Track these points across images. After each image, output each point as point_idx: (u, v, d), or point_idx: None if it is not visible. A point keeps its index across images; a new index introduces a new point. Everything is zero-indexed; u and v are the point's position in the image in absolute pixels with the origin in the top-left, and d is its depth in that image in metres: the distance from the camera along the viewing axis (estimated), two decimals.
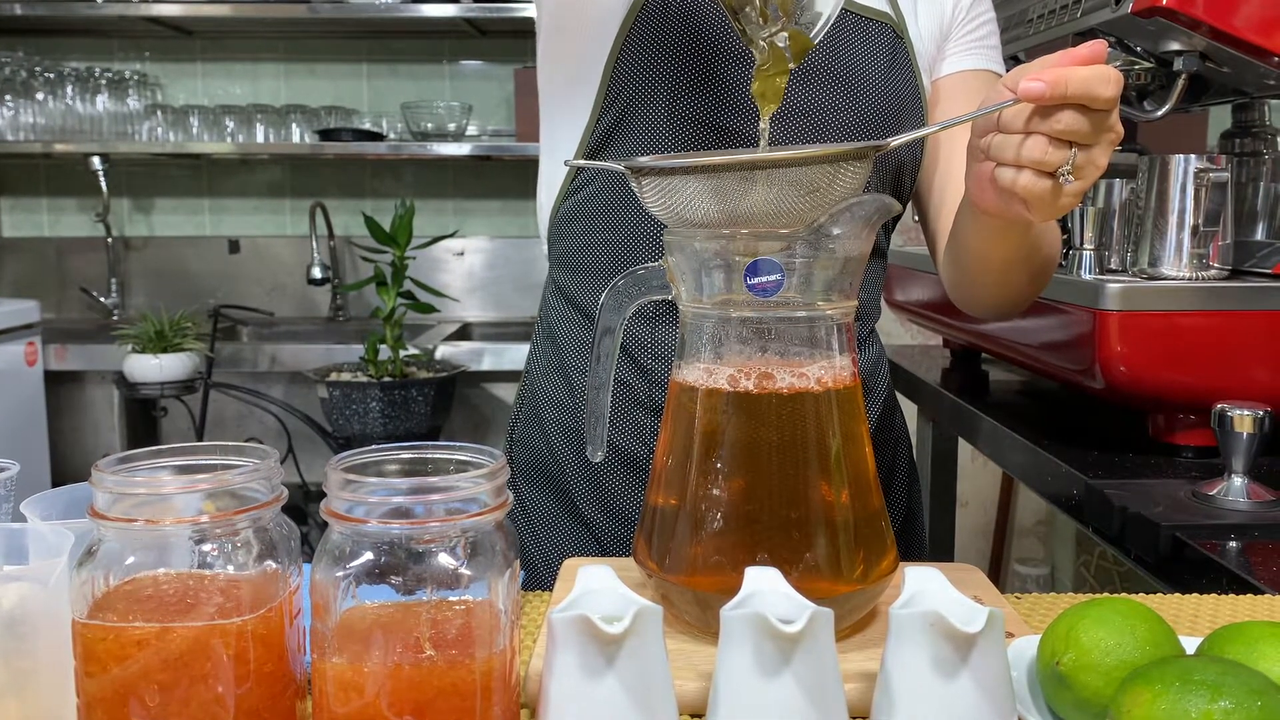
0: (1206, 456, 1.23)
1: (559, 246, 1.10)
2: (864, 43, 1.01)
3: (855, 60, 1.00)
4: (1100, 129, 0.73)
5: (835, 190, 0.71)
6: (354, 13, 2.78)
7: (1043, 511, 2.94)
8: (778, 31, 0.78)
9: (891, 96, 1.02)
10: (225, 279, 3.09)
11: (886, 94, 1.01)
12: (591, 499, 1.07)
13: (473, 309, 3.09)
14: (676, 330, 1.02)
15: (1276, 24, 1.21)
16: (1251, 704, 0.51)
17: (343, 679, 0.55)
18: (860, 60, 1.01)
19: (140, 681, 0.54)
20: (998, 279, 0.99)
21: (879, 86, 1.01)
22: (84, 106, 2.91)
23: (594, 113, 1.01)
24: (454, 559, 0.56)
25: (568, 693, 0.57)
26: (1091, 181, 0.76)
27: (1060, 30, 1.40)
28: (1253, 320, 1.21)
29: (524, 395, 1.16)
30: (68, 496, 0.68)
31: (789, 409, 0.72)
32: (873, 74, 1.01)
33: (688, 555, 0.74)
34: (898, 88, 1.02)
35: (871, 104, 1.01)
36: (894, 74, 1.02)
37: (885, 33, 1.02)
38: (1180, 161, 1.27)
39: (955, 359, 1.96)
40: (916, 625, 0.57)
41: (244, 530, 0.57)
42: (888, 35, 1.03)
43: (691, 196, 0.72)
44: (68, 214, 3.13)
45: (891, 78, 1.02)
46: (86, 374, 2.66)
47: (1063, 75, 0.70)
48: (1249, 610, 0.82)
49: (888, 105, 1.01)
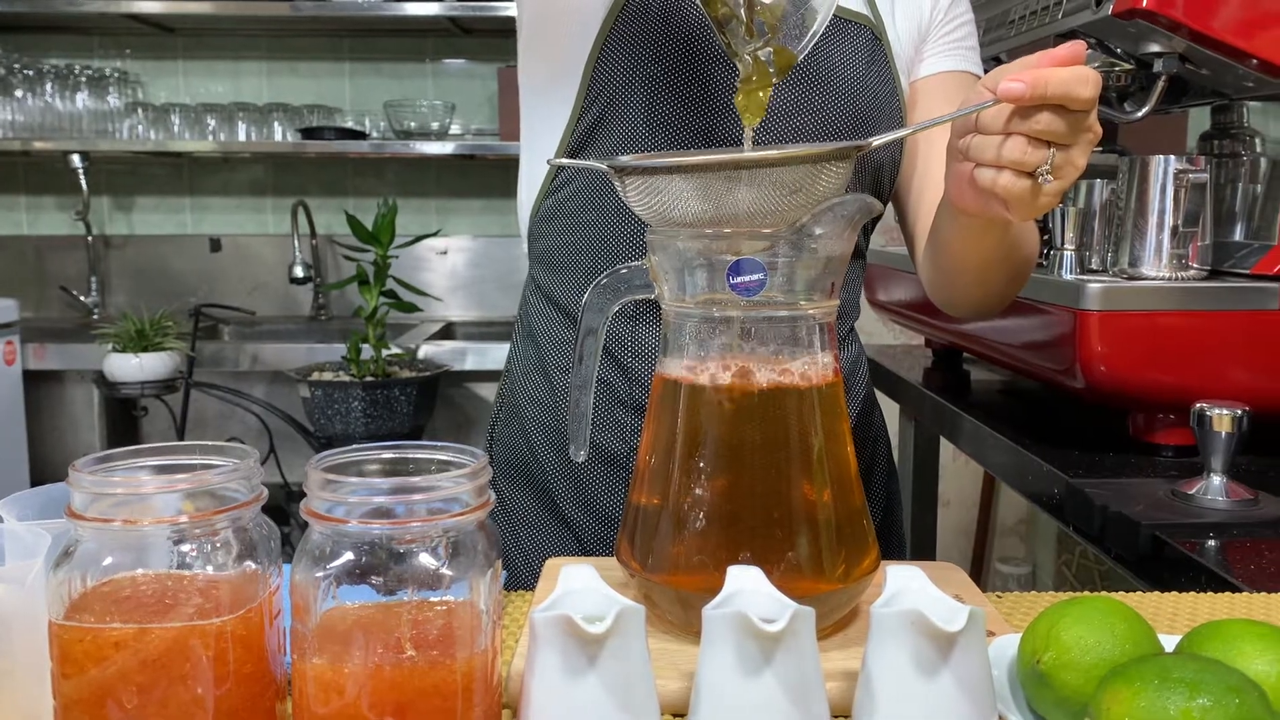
0: (1186, 456, 1.23)
1: (539, 245, 1.10)
2: (843, 44, 1.02)
3: (834, 61, 1.01)
4: (1079, 129, 0.73)
5: (818, 190, 0.71)
6: (337, 11, 2.76)
7: (1024, 510, 2.95)
8: (763, 46, 0.78)
9: (870, 97, 1.02)
10: (206, 278, 3.07)
11: (865, 95, 1.02)
12: (572, 497, 1.07)
13: (455, 308, 3.09)
14: (656, 329, 1.02)
15: (1254, 26, 1.22)
16: (1229, 701, 0.51)
17: (323, 680, 0.55)
18: (839, 61, 1.01)
19: (118, 683, 0.53)
20: (977, 278, 1.00)
21: (857, 87, 1.02)
22: (64, 104, 2.89)
23: (574, 112, 1.01)
24: (435, 559, 0.55)
25: (550, 693, 0.56)
26: (1071, 181, 0.76)
27: (1042, 31, 1.41)
28: (1231, 320, 1.22)
29: (504, 394, 1.15)
30: (45, 496, 0.68)
31: (771, 408, 0.73)
32: (851, 75, 1.01)
33: (670, 554, 0.74)
34: (876, 89, 1.03)
35: (850, 104, 1.01)
36: (872, 75, 1.03)
37: (864, 34, 1.03)
38: (1160, 163, 1.28)
39: (937, 359, 1.97)
40: (898, 624, 0.57)
41: (223, 530, 0.56)
42: (866, 37, 1.03)
43: (674, 196, 0.72)
44: (47, 212, 3.10)
45: (870, 79, 1.03)
46: (66, 373, 2.64)
47: (1042, 76, 0.71)
48: (1227, 608, 0.82)
49: (866, 106, 1.02)
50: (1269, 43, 1.22)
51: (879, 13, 1.05)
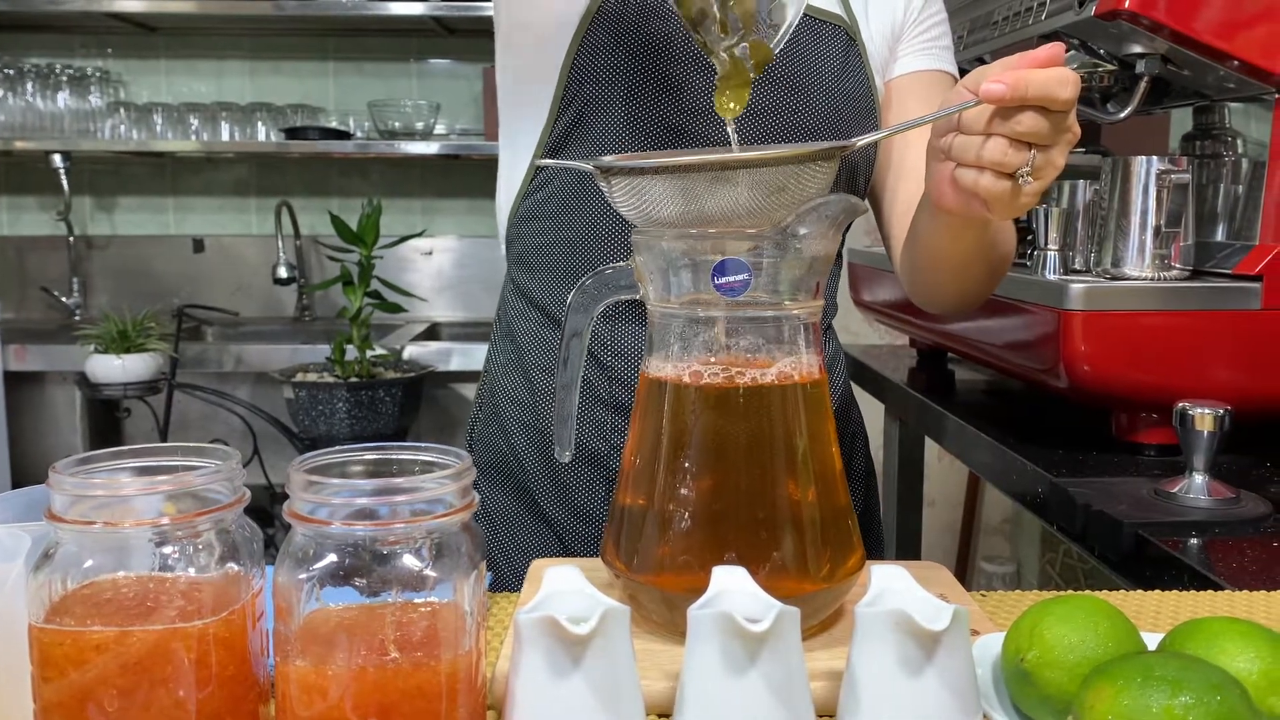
0: (1168, 455, 1.24)
1: (517, 246, 1.10)
2: (817, 45, 1.02)
3: (808, 62, 1.01)
4: (1059, 130, 0.74)
5: (802, 190, 0.71)
6: (321, 10, 2.75)
7: (1009, 510, 2.96)
8: (738, 43, 0.78)
9: (844, 98, 1.03)
10: (189, 278, 3.05)
11: (839, 95, 1.02)
12: (553, 497, 1.06)
13: (440, 309, 3.08)
14: (636, 328, 1.02)
15: (1235, 28, 1.23)
16: (1211, 699, 0.51)
17: (306, 682, 0.54)
18: (813, 62, 1.01)
19: (99, 686, 0.53)
20: (955, 275, 1.00)
21: (832, 88, 1.02)
22: (45, 103, 2.87)
23: (551, 113, 1.01)
24: (419, 561, 0.55)
25: (534, 694, 0.56)
26: (1049, 181, 0.77)
27: (1025, 32, 1.42)
28: (1213, 320, 1.22)
29: (483, 395, 1.15)
30: (25, 498, 0.67)
31: (756, 408, 0.73)
32: (826, 75, 1.02)
33: (655, 555, 0.74)
34: (850, 89, 1.03)
35: (825, 105, 1.01)
36: (846, 75, 1.03)
37: (838, 35, 1.03)
38: (1143, 163, 1.28)
39: (922, 358, 1.97)
40: (882, 623, 0.58)
41: (205, 532, 0.56)
42: (840, 37, 1.03)
43: (658, 196, 0.72)
44: (28, 213, 3.08)
45: (844, 79, 1.03)
46: (47, 374, 2.62)
47: (1023, 77, 0.71)
48: (1209, 606, 0.83)
49: (841, 106, 1.02)
50: (1249, 44, 1.22)
51: (853, 13, 1.05)
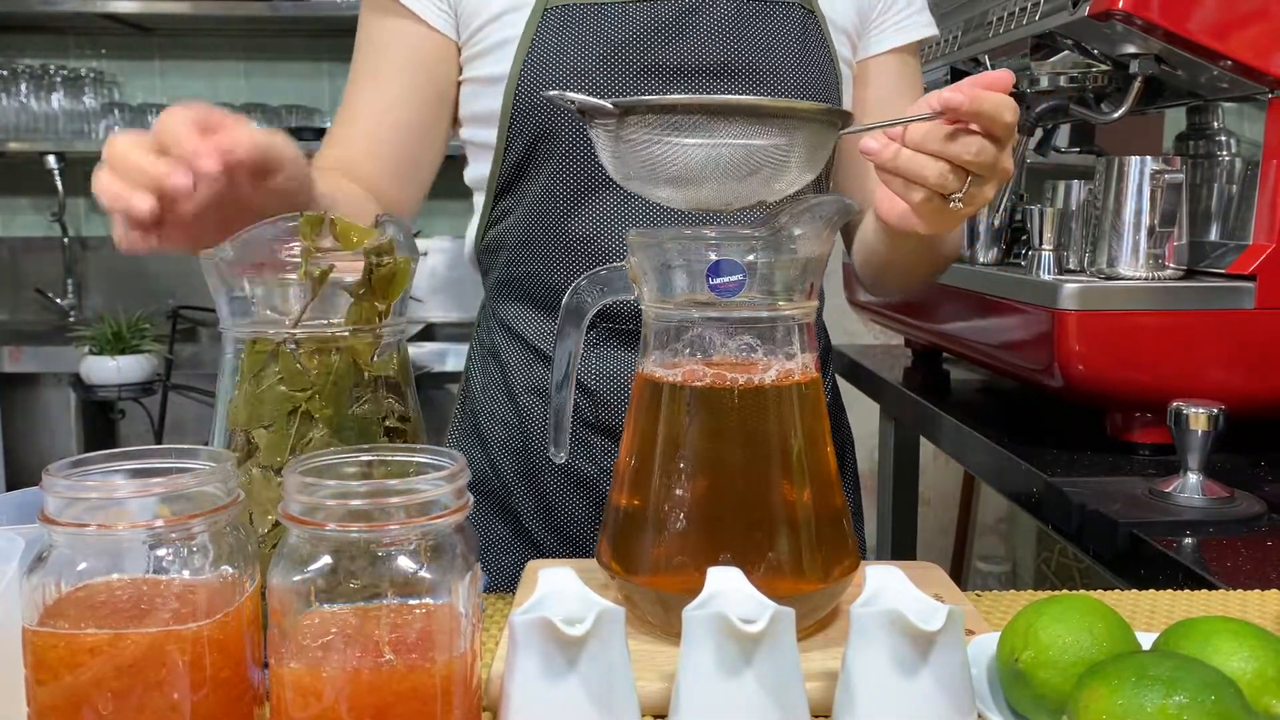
0: (1163, 454, 1.24)
1: (490, 277, 1.11)
2: (772, 29, 1.01)
3: (765, 50, 1.00)
4: (998, 164, 0.80)
5: (800, 150, 0.76)
6: (316, 11, 2.75)
7: (1004, 509, 2.97)
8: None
9: (808, 79, 1.02)
10: (184, 279, 3.04)
11: (804, 78, 1.02)
12: (540, 519, 1.06)
13: (436, 309, 3.07)
14: (623, 353, 1.02)
15: (1228, 28, 1.23)
16: (1205, 698, 0.52)
17: (301, 684, 0.54)
18: (772, 49, 1.01)
19: (93, 689, 0.53)
20: (900, 272, 1.10)
21: (795, 72, 1.01)
22: (39, 104, 2.86)
23: (499, 143, 1.03)
24: (414, 562, 0.55)
25: (529, 695, 0.56)
26: (976, 209, 0.83)
27: (1019, 33, 1.42)
28: (1207, 319, 1.23)
29: (463, 409, 1.14)
30: (19, 501, 0.67)
31: (751, 409, 0.73)
32: (786, 60, 1.01)
33: (650, 556, 0.74)
34: (813, 71, 1.03)
35: (789, 91, 1.01)
36: (808, 55, 1.02)
37: (793, 13, 1.02)
38: (1136, 163, 1.29)
39: (917, 358, 1.97)
40: (877, 624, 0.58)
41: (200, 534, 0.56)
42: (796, 15, 1.02)
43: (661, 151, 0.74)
44: (22, 214, 3.08)
45: (806, 60, 1.02)
46: (42, 376, 2.61)
47: (979, 93, 0.77)
48: (1204, 606, 0.83)
49: (807, 88, 1.02)
50: (1242, 44, 1.23)
51: None
